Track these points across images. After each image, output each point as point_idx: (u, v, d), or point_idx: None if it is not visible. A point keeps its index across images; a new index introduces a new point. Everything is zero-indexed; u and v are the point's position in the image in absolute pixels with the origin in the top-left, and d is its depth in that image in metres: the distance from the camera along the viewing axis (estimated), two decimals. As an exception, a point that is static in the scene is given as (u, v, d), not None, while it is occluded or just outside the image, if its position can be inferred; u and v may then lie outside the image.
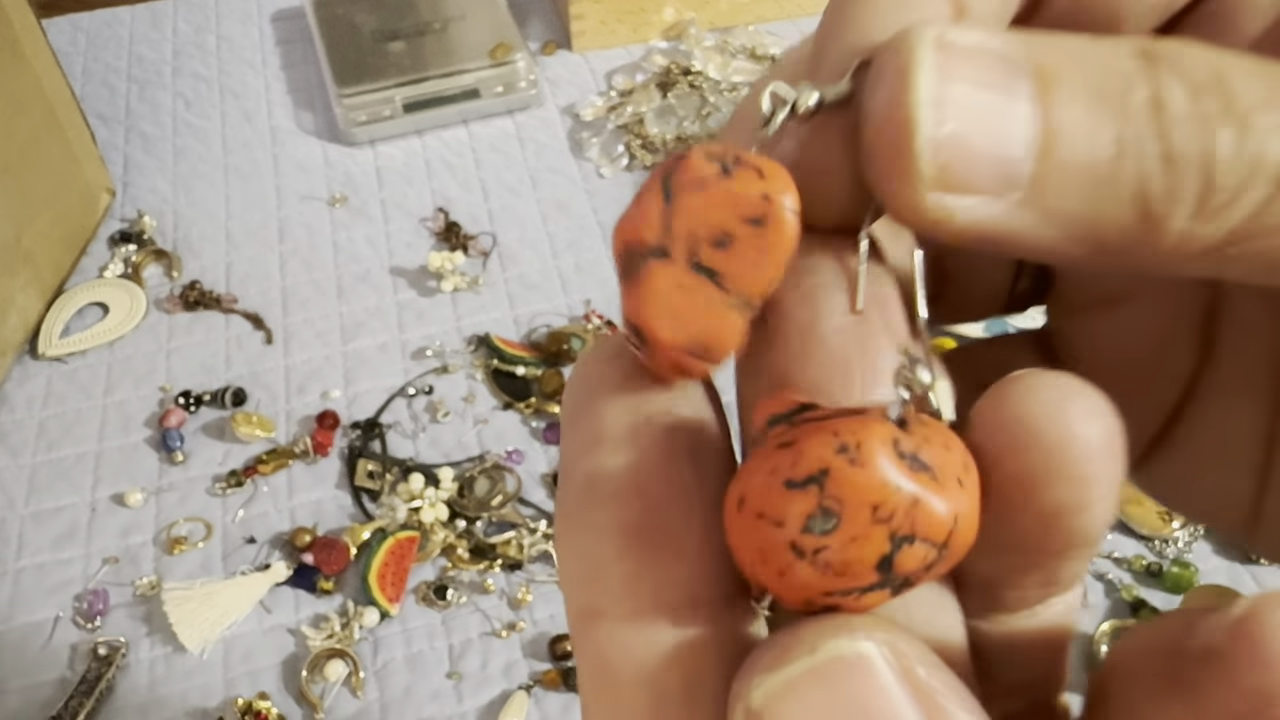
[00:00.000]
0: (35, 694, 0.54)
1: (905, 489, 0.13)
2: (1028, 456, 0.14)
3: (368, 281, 0.72)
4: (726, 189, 0.14)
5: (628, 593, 0.14)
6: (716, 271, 0.14)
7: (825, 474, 0.13)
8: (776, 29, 0.89)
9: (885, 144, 0.14)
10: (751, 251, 0.14)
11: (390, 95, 0.81)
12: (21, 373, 0.68)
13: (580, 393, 0.16)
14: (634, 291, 0.15)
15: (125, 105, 0.87)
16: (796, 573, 0.13)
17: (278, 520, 0.60)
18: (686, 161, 0.15)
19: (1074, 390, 0.14)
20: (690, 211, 0.14)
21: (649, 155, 0.79)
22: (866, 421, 0.13)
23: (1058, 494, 0.14)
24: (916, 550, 0.13)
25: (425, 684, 0.54)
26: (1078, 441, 0.14)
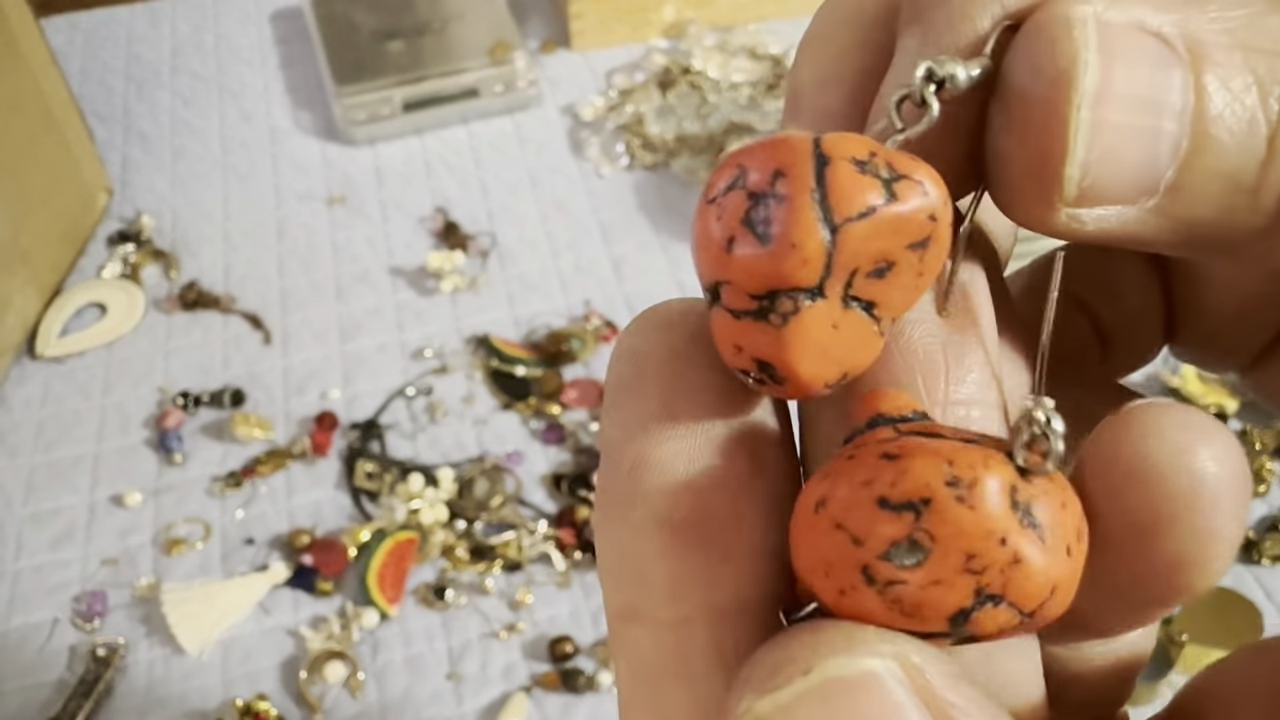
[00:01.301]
0: (34, 695, 0.53)
1: (1009, 544, 0.12)
2: (1148, 502, 0.12)
3: (367, 281, 0.72)
4: (896, 214, 0.12)
5: (671, 595, 0.13)
6: (872, 302, 0.13)
7: (927, 504, 0.12)
8: (777, 28, 0.89)
9: (1031, 161, 0.13)
10: (909, 276, 0.13)
11: (389, 94, 0.81)
12: (20, 373, 0.68)
13: (628, 368, 0.15)
14: (777, 335, 0.13)
15: (123, 105, 0.86)
16: (860, 598, 0.12)
17: (276, 521, 0.60)
18: (838, 178, 0.12)
19: (1204, 429, 0.13)
20: (857, 243, 0.12)
21: (649, 155, 0.79)
22: (988, 457, 0.12)
23: (1179, 546, 0.12)
24: (1000, 613, 0.12)
25: (424, 685, 0.53)
26: (1206, 491, 0.12)
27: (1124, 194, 0.13)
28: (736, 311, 0.13)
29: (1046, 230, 0.14)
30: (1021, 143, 0.13)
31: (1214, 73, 0.13)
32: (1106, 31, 0.13)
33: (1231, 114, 0.13)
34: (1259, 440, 0.60)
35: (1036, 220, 0.13)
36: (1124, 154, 0.13)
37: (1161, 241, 0.14)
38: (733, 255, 0.13)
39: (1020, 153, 0.13)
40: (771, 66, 0.85)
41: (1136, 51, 0.13)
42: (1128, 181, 0.13)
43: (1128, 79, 0.13)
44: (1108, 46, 0.13)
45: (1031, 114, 0.13)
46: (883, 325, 0.13)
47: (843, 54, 0.16)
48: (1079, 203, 0.13)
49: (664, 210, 0.75)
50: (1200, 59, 0.13)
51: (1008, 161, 0.13)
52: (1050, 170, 0.13)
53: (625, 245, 0.73)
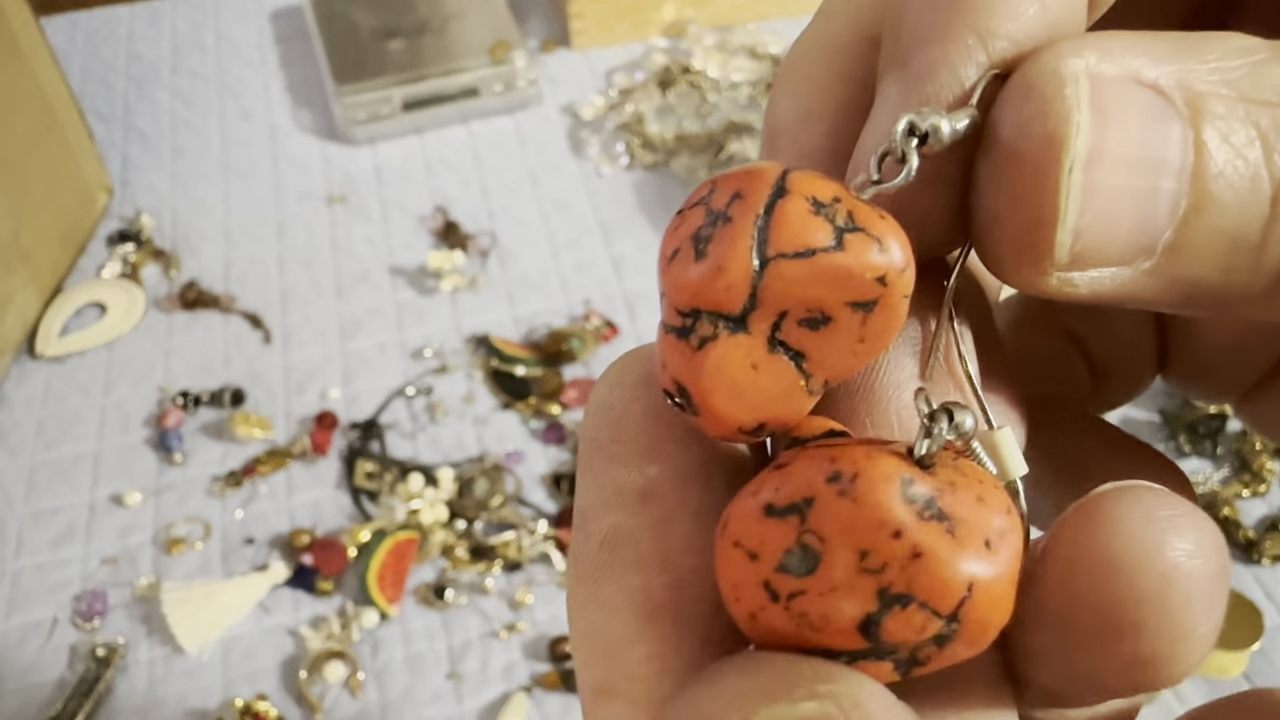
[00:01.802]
0: (33, 695, 0.53)
1: (904, 537, 0.11)
2: (1114, 604, 0.12)
3: (367, 281, 0.72)
4: (836, 264, 0.12)
5: (646, 675, 0.13)
6: (801, 354, 0.12)
7: (810, 503, 0.11)
8: (777, 27, 0.89)
9: (1020, 225, 0.12)
10: (848, 338, 0.12)
11: (389, 94, 0.81)
12: (20, 372, 0.68)
13: (604, 430, 0.14)
14: (692, 358, 0.12)
15: (123, 104, 0.86)
16: (770, 617, 0.11)
17: (276, 521, 0.60)
18: (787, 212, 0.12)
19: (1173, 521, 0.12)
20: (786, 283, 0.12)
21: (649, 154, 0.79)
22: (873, 451, 0.11)
23: (1147, 646, 0.12)
24: (912, 616, 0.11)
25: (425, 685, 0.54)
26: (1177, 590, 0.12)
27: (1119, 256, 0.13)
28: (667, 326, 0.12)
29: (1036, 292, 0.13)
30: (1010, 205, 0.12)
31: (1214, 127, 0.12)
32: (1100, 86, 0.12)
33: (1234, 170, 0.12)
34: (1258, 440, 0.60)
35: (1026, 283, 0.13)
36: (1119, 216, 0.12)
37: (1159, 301, 0.13)
38: (670, 267, 0.12)
39: (1009, 215, 0.13)
40: (771, 66, 0.85)
41: (1131, 107, 0.12)
42: (1123, 244, 0.12)
43: (1123, 138, 0.12)
44: (1101, 104, 0.12)
45: (1021, 175, 0.12)
46: (813, 383, 0.12)
47: (821, 89, 0.16)
48: (1071, 267, 0.13)
49: (664, 210, 0.75)
50: (1200, 113, 0.12)
51: (995, 223, 0.13)
52: (1041, 236, 0.12)
53: (625, 245, 0.73)
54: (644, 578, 0.13)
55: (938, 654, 0.11)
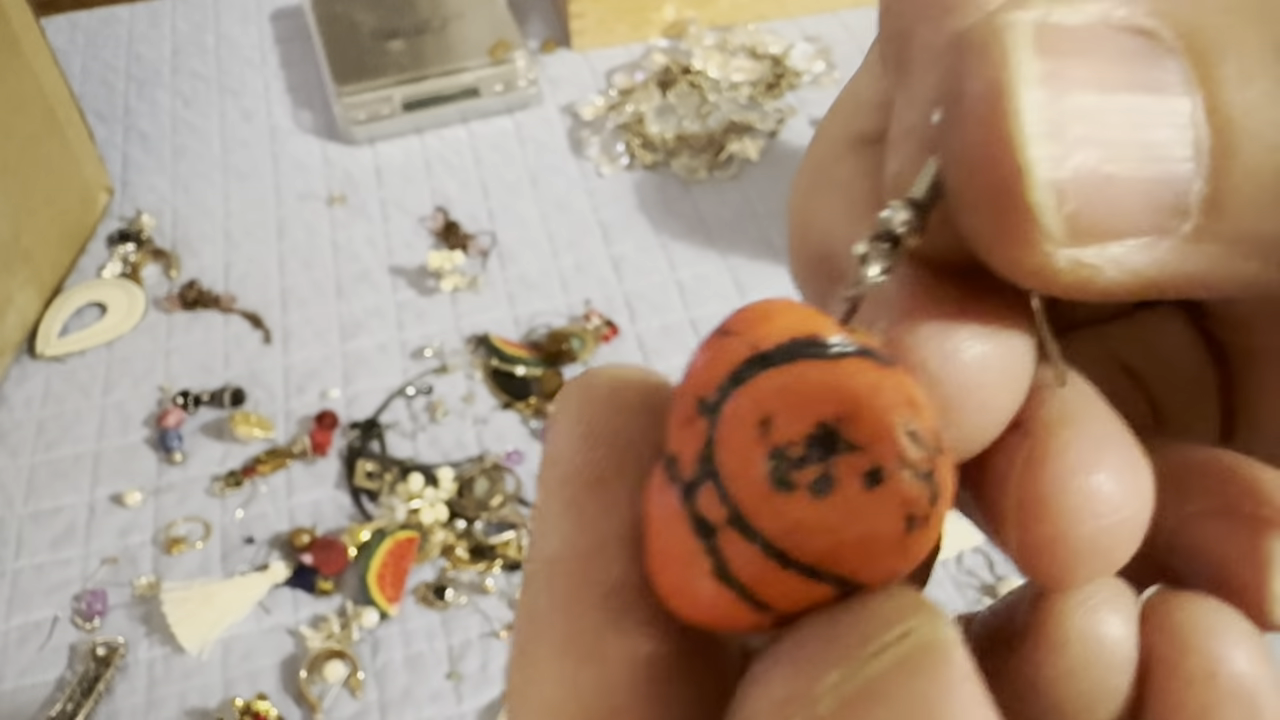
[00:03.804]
0: (34, 694, 0.53)
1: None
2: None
3: (367, 281, 0.72)
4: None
5: None
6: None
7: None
8: (777, 28, 0.89)
9: (983, 196, 0.11)
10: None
11: (389, 94, 0.81)
12: (20, 372, 0.68)
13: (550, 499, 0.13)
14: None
15: (124, 104, 0.86)
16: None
17: (276, 520, 0.60)
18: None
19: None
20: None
21: (649, 154, 0.79)
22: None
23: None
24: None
25: (424, 685, 0.54)
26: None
27: (1135, 219, 0.11)
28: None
29: (1055, 286, 0.11)
30: (970, 179, 0.11)
31: (1222, 55, 0.10)
32: (1055, 36, 0.10)
33: (1263, 95, 0.10)
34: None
35: (1035, 275, 0.11)
36: (1116, 171, 0.10)
37: (1235, 276, 0.11)
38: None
39: (975, 194, 0.11)
40: (771, 66, 0.85)
41: (1104, 52, 0.10)
42: (1133, 198, 0.10)
43: (1097, 81, 0.10)
44: (1057, 48, 0.10)
45: (968, 141, 0.11)
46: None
47: (850, 183, 0.14)
48: (1077, 239, 0.11)
49: (664, 210, 0.75)
50: (1199, 42, 0.10)
51: (965, 210, 0.11)
52: (1011, 200, 0.11)
53: (625, 245, 0.73)
54: (656, 641, 0.12)
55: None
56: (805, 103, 0.82)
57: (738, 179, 0.77)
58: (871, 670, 0.10)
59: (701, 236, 0.73)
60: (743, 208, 0.75)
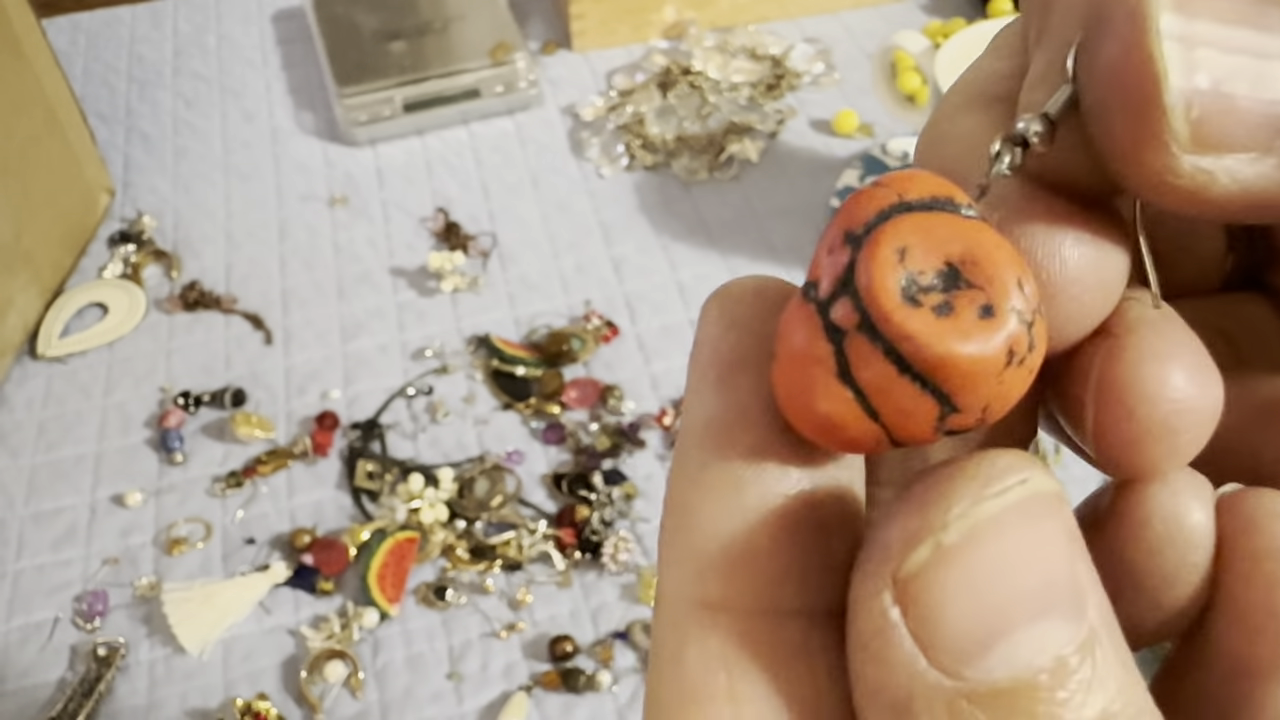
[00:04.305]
0: (34, 695, 0.54)
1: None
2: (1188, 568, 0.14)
3: (368, 282, 0.72)
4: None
5: (777, 591, 0.13)
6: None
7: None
8: (777, 28, 0.89)
9: (1123, 101, 0.12)
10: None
11: (390, 95, 0.81)
12: (21, 373, 0.68)
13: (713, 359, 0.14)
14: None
15: (125, 105, 0.87)
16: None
17: (277, 521, 0.60)
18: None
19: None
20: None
21: (649, 155, 0.79)
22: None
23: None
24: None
25: (425, 685, 0.54)
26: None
27: (1251, 133, 0.12)
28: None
29: (1174, 194, 0.12)
30: (1109, 85, 0.12)
31: None
32: None
33: None
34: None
35: (1157, 178, 0.12)
36: (1233, 77, 0.12)
37: None
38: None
39: (1112, 96, 0.12)
40: (771, 67, 0.85)
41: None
42: (1250, 113, 0.12)
43: (1217, 11, 0.12)
44: None
45: (1111, 51, 0.12)
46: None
47: (974, 131, 0.16)
48: (1199, 147, 0.12)
49: (664, 211, 0.75)
50: None
51: (1104, 112, 0.12)
52: (1145, 104, 0.12)
53: (626, 245, 0.73)
54: (786, 493, 0.13)
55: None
56: (805, 104, 0.82)
57: (738, 180, 0.77)
58: (994, 506, 0.12)
59: (702, 237, 0.73)
60: (743, 208, 0.75)
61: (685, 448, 0.14)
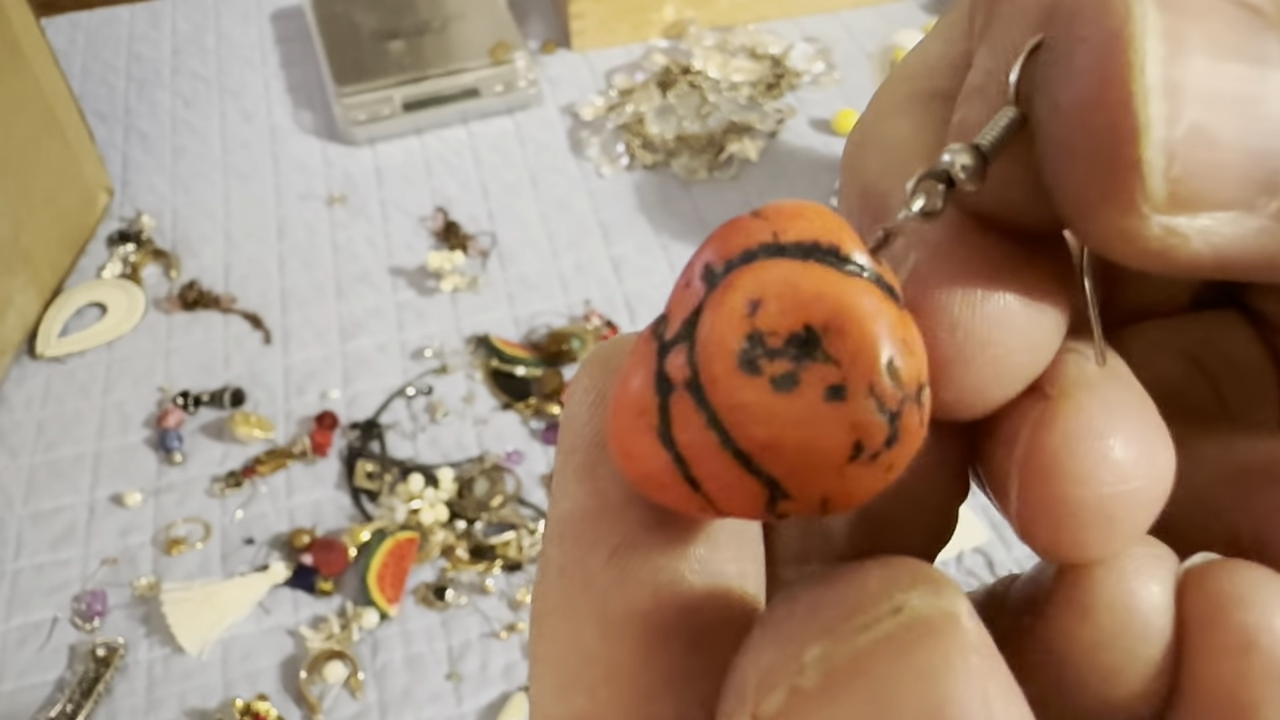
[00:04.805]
0: (33, 695, 0.53)
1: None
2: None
3: (367, 281, 0.72)
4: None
5: (640, 712, 0.12)
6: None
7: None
8: (777, 28, 0.89)
9: (1090, 148, 0.10)
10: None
11: (389, 94, 0.81)
12: (20, 373, 0.68)
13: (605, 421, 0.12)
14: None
15: (124, 104, 0.86)
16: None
17: (276, 521, 0.60)
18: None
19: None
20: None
21: (649, 155, 0.79)
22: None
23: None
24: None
25: (424, 685, 0.53)
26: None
27: (1231, 190, 0.10)
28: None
29: (1137, 254, 0.11)
30: (1079, 130, 0.10)
31: None
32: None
33: None
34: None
35: (1121, 238, 0.10)
36: (1222, 132, 0.10)
37: None
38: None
39: (1080, 143, 0.10)
40: (771, 66, 0.85)
41: (1216, 12, 0.10)
42: (1233, 168, 0.10)
43: (1208, 39, 0.10)
44: (1175, 3, 0.10)
45: (1084, 90, 0.10)
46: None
47: (908, 141, 0.14)
48: (1174, 207, 0.10)
49: (664, 210, 0.75)
50: None
51: (1067, 159, 0.11)
52: (1123, 157, 0.10)
53: (625, 245, 0.73)
54: (657, 601, 0.12)
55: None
56: (805, 103, 0.82)
57: (738, 179, 0.77)
58: (859, 642, 0.10)
59: (701, 237, 0.73)
60: (743, 208, 0.75)
61: (545, 544, 0.13)
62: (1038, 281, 0.12)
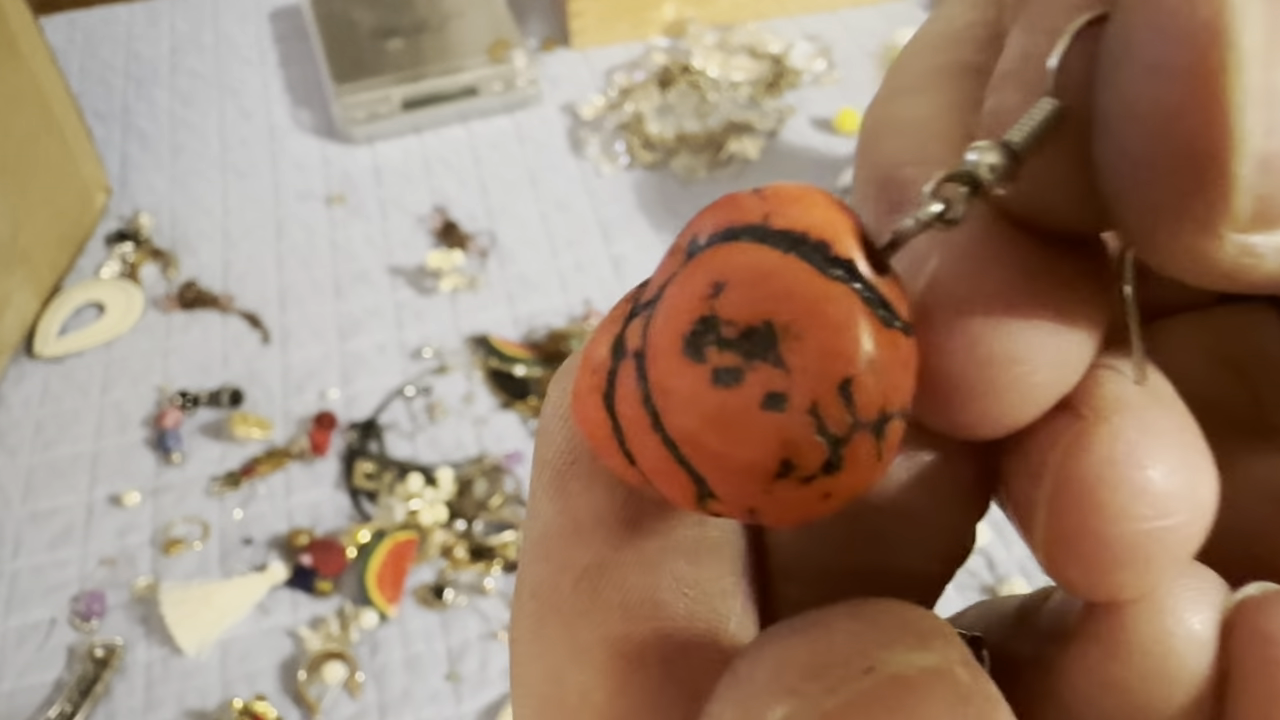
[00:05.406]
0: (32, 696, 0.53)
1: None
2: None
3: (366, 280, 0.72)
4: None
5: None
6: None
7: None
8: (777, 26, 0.88)
9: (1172, 162, 0.09)
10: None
11: (388, 93, 0.80)
12: (18, 372, 0.67)
13: (576, 446, 0.12)
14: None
15: (122, 103, 0.86)
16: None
17: (275, 521, 0.59)
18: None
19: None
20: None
21: (648, 154, 0.78)
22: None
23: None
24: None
25: (423, 685, 0.53)
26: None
27: None
28: None
29: (1205, 273, 0.09)
30: (1157, 140, 0.09)
31: None
32: None
33: None
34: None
35: (1189, 257, 0.09)
36: None
37: None
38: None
39: (1157, 155, 0.09)
40: (771, 65, 0.84)
41: None
42: None
43: None
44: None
45: (1164, 93, 0.09)
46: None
47: (931, 120, 0.12)
48: (1255, 224, 0.09)
49: (664, 209, 0.75)
50: None
51: (1138, 172, 0.09)
52: (1210, 173, 0.09)
53: (625, 244, 0.73)
54: (629, 624, 0.11)
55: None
56: (805, 102, 0.82)
57: (738, 179, 0.77)
58: (825, 708, 0.09)
59: (701, 236, 0.73)
60: (742, 207, 0.75)
61: (520, 565, 0.12)
62: (1070, 288, 0.11)
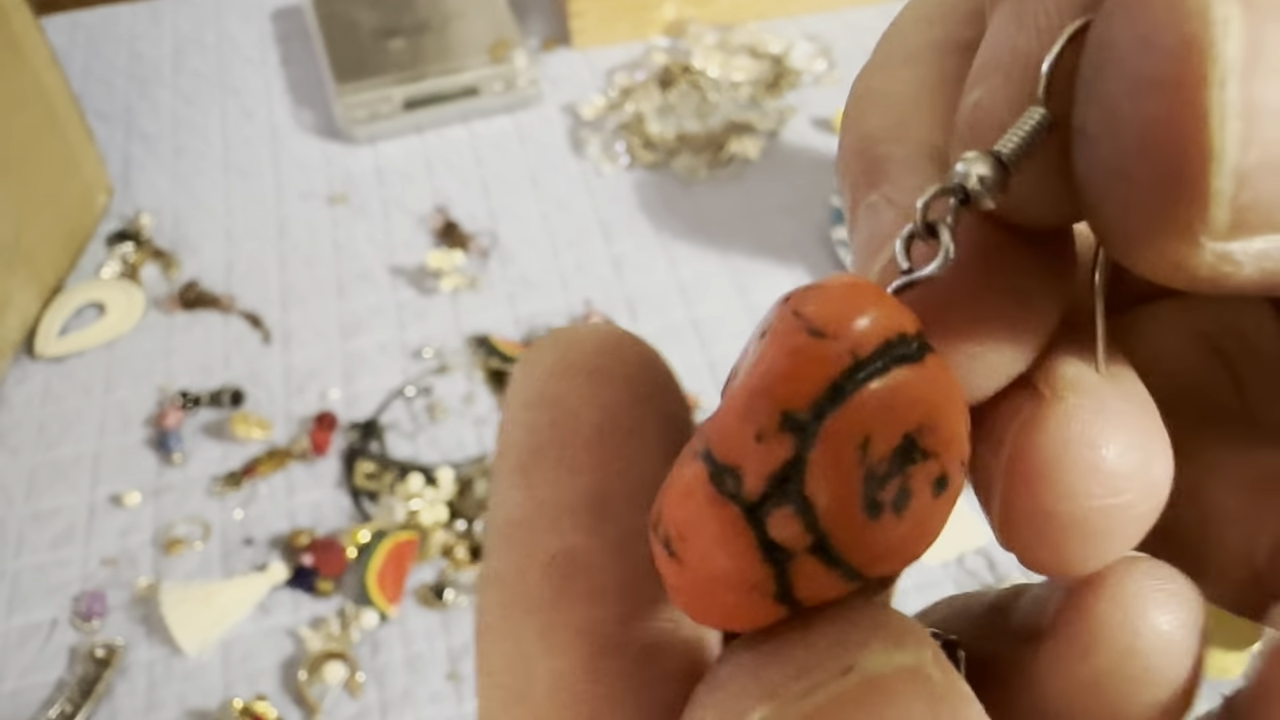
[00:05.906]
0: (32, 696, 0.53)
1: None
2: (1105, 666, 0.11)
3: (367, 280, 0.72)
4: None
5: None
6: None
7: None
8: (777, 27, 0.88)
9: (1152, 173, 0.09)
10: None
11: (390, 93, 0.80)
12: (19, 372, 0.68)
13: (548, 429, 0.12)
14: None
15: (124, 103, 0.86)
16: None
17: (276, 521, 0.60)
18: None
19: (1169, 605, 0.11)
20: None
21: (649, 154, 0.78)
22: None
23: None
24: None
25: (424, 685, 0.53)
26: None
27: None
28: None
29: (1184, 280, 0.10)
30: (1140, 150, 0.09)
31: None
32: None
33: None
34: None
35: (1168, 265, 0.09)
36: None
37: None
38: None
39: (1138, 165, 0.09)
40: (772, 65, 0.84)
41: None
42: None
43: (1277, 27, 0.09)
44: (1258, 5, 0.09)
45: (1150, 104, 0.09)
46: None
47: (912, 97, 0.13)
48: (1233, 233, 0.09)
49: (664, 209, 0.75)
50: None
51: (1119, 181, 0.09)
52: (1189, 184, 0.09)
53: (625, 244, 0.73)
54: (599, 610, 0.11)
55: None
56: (806, 102, 0.82)
57: (738, 178, 0.77)
58: (803, 708, 0.09)
59: (702, 236, 0.73)
60: (743, 207, 0.75)
61: (484, 554, 0.12)
62: (1033, 274, 0.11)
